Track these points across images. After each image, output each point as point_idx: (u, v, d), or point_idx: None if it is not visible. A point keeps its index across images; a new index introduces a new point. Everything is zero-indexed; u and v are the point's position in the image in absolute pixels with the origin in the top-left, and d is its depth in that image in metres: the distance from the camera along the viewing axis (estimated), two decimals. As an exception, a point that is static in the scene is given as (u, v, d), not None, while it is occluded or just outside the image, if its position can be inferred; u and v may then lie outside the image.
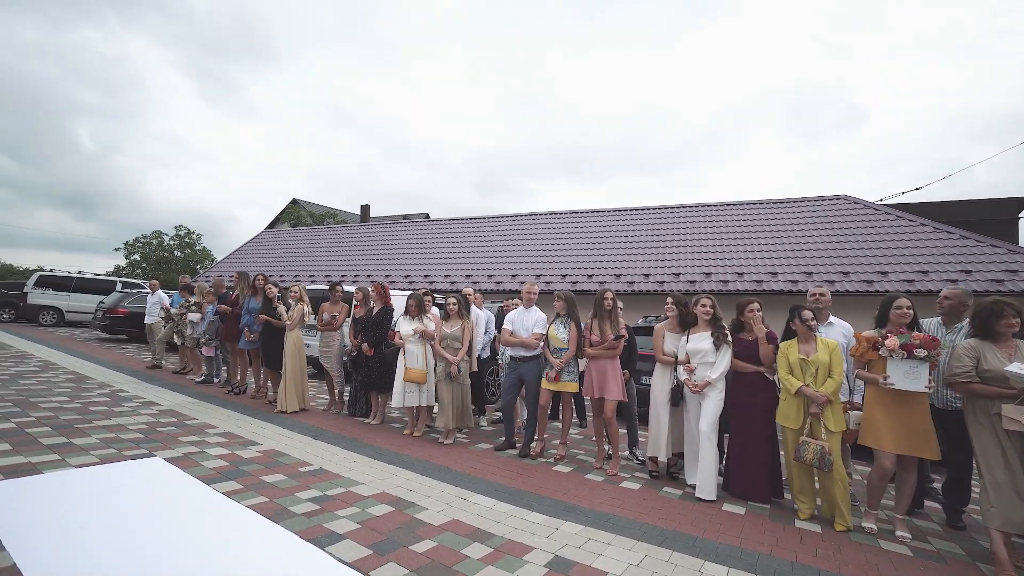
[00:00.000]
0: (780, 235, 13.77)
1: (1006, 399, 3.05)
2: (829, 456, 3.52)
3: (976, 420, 3.23)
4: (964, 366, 3.27)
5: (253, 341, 6.80)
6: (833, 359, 3.73)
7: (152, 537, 2.74)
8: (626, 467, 4.83)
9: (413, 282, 16.23)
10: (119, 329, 12.61)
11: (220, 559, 2.54)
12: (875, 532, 3.50)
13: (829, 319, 4.48)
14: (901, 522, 3.53)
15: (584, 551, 2.95)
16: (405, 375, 5.35)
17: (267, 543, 2.75)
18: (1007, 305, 3.23)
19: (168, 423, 5.20)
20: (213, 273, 22.29)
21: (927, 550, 3.30)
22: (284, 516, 3.14)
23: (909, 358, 3.34)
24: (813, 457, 3.56)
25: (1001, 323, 3.21)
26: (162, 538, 2.73)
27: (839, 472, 3.58)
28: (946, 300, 3.97)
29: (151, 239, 32.56)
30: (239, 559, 2.55)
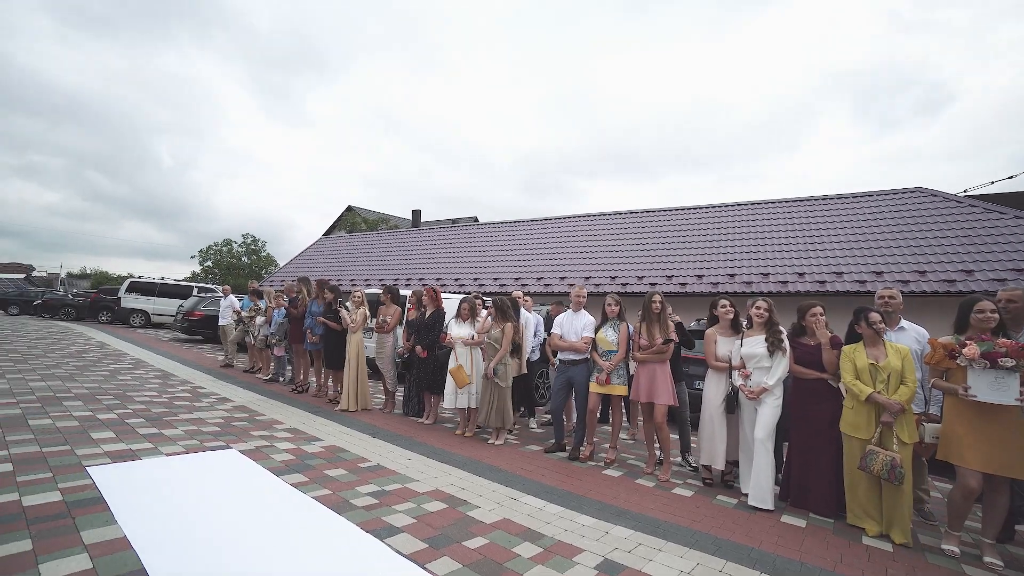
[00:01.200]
0: (846, 232, 12.95)
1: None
2: (901, 468, 3.31)
3: None
4: None
5: (315, 343, 7.21)
6: (906, 365, 3.51)
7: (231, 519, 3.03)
8: (678, 473, 4.74)
9: (463, 285, 16.55)
10: (196, 330, 13.69)
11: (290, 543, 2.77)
12: (957, 555, 3.23)
13: (900, 323, 4.21)
14: (990, 547, 3.23)
15: (634, 556, 2.94)
16: (454, 376, 5.51)
17: (332, 532, 2.96)
18: None
19: (241, 418, 5.62)
20: (276, 278, 23.71)
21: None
22: (346, 508, 3.33)
23: (993, 368, 3.08)
24: (882, 468, 3.36)
25: None
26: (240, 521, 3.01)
27: (908, 487, 3.37)
28: (1011, 303, 3.55)
29: (221, 246, 35.00)
30: (307, 545, 2.76)
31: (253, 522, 3.02)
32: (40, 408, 5.28)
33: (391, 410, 6.68)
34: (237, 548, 2.69)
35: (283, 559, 2.61)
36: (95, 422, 4.91)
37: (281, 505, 3.31)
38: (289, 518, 3.12)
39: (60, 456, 3.87)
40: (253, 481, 3.72)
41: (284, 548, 2.73)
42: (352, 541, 2.87)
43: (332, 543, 2.84)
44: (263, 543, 2.77)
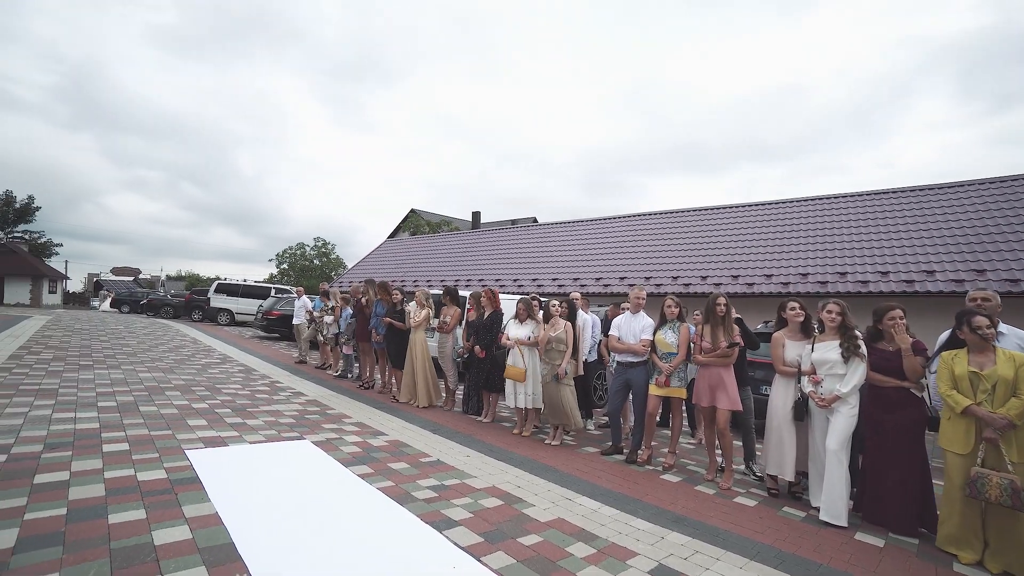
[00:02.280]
0: (941, 226, 11.79)
1: None
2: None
3: None
4: None
5: (380, 341, 7.59)
6: (1021, 375, 3.13)
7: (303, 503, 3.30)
8: (741, 482, 4.57)
9: (522, 286, 16.70)
10: (273, 329, 14.79)
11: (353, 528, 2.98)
12: None
13: (999, 327, 3.82)
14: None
15: (690, 563, 2.89)
16: (505, 372, 5.62)
17: (393, 521, 3.15)
18: None
19: (313, 411, 6.04)
20: (345, 279, 25.04)
21: None
22: (407, 500, 3.51)
23: None
24: (1001, 494, 2.96)
25: None
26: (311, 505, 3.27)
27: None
28: None
29: (295, 250, 37.46)
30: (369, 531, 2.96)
31: (322, 507, 3.28)
32: (148, 396, 5.96)
33: (451, 408, 6.91)
34: (308, 529, 2.94)
35: (347, 541, 2.82)
36: (191, 411, 5.48)
37: (347, 493, 3.55)
38: (354, 505, 3.35)
39: (164, 439, 4.37)
40: (323, 470, 4.01)
41: (348, 532, 2.95)
42: (411, 531, 3.03)
43: (392, 531, 3.02)
44: (330, 526, 3.00)
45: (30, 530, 2.63)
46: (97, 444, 4.06)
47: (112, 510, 2.92)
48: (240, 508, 3.11)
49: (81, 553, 2.45)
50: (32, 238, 33.14)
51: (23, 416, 4.68)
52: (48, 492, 3.09)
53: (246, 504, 3.19)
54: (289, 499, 3.35)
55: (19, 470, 3.39)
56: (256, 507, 3.17)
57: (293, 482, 3.68)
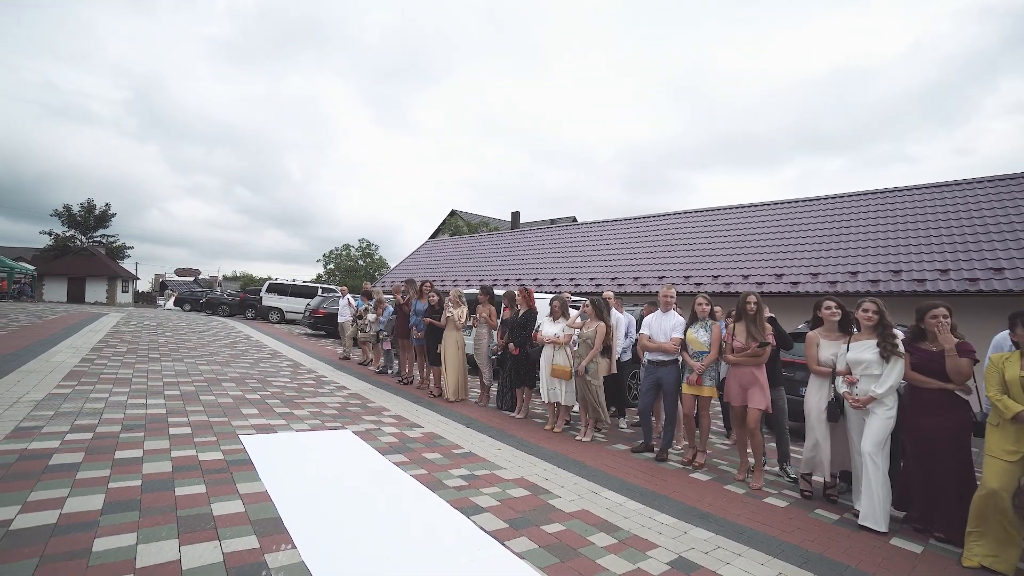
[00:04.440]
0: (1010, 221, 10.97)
1: None
2: None
3: None
4: None
5: (419, 339, 7.88)
6: None
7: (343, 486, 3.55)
8: (774, 483, 4.50)
9: (559, 285, 16.76)
10: (320, 326, 15.50)
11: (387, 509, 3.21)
12: None
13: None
14: None
15: (711, 557, 2.93)
16: (551, 371, 5.73)
17: (425, 506, 3.35)
18: None
19: (355, 404, 6.37)
20: (388, 279, 25.84)
21: None
22: (439, 487, 3.70)
23: None
24: None
25: None
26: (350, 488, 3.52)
27: None
28: None
29: (341, 251, 38.91)
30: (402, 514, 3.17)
31: (359, 490, 3.53)
32: (207, 387, 6.47)
33: (486, 403, 7.09)
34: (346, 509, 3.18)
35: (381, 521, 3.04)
36: (244, 401, 5.91)
37: (383, 478, 3.79)
38: (388, 490, 3.57)
39: (221, 425, 4.76)
40: (362, 457, 4.27)
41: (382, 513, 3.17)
42: (440, 515, 3.22)
43: (423, 514, 3.21)
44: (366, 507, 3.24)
45: (113, 497, 3.01)
46: (164, 427, 4.49)
47: (178, 484, 3.27)
48: (286, 488, 3.39)
49: (154, 517, 2.79)
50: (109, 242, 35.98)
51: (104, 401, 5.21)
52: (126, 466, 3.49)
53: (292, 484, 3.47)
54: (330, 482, 3.61)
55: (103, 447, 3.83)
56: (300, 487, 3.44)
57: (334, 467, 3.95)
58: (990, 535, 3.11)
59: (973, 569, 3.08)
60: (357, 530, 2.90)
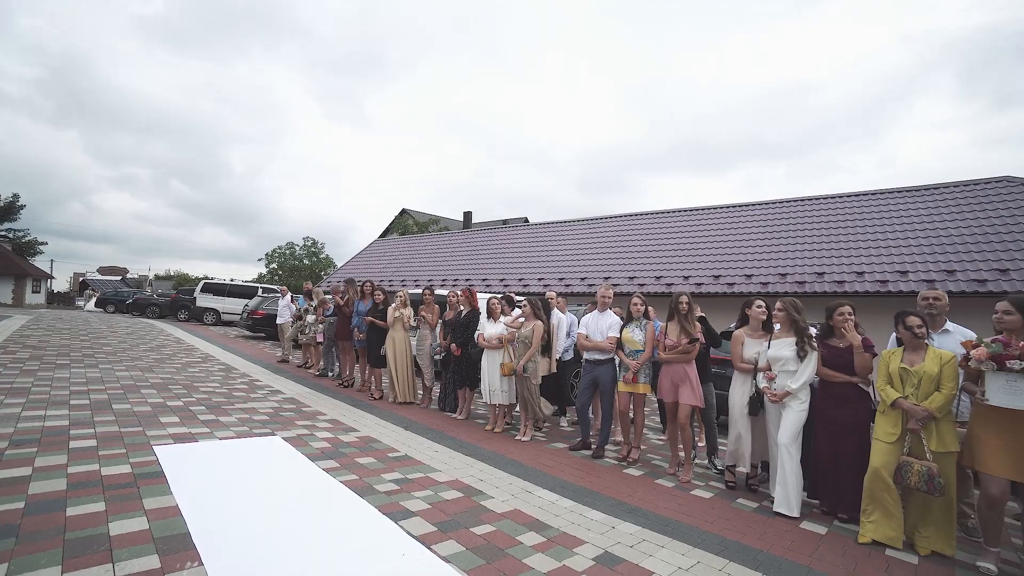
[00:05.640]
0: (916, 228, 12.02)
1: None
2: (940, 479, 3.12)
3: None
4: None
5: (361, 340, 7.66)
6: (945, 372, 3.29)
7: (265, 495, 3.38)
8: (703, 475, 4.69)
9: (508, 285, 16.80)
10: (258, 328, 14.78)
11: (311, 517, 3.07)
12: (993, 574, 3.04)
13: (945, 326, 3.97)
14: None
15: (635, 550, 3.00)
16: (502, 371, 5.69)
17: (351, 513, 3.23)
18: None
19: (289, 409, 6.10)
20: (334, 279, 25.01)
21: (1057, 597, 2.83)
22: (368, 492, 3.60)
23: (1002, 370, 2.90)
24: (919, 480, 3.17)
25: None
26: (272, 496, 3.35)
27: (950, 499, 3.22)
28: None
29: (285, 249, 37.31)
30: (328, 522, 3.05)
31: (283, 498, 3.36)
32: (122, 395, 5.99)
33: (427, 405, 6.99)
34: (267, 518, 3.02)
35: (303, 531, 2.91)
36: (164, 408, 5.52)
37: (309, 486, 3.64)
38: (314, 497, 3.43)
39: (133, 436, 4.42)
40: (289, 464, 4.09)
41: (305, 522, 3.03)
42: (367, 521, 3.12)
43: (349, 521, 3.11)
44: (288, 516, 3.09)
45: (-15, 523, 2.68)
46: (64, 441, 4.11)
47: (71, 503, 2.98)
48: (200, 500, 3.18)
49: (34, 544, 2.51)
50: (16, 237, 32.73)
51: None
52: (7, 487, 3.14)
53: (207, 496, 3.26)
54: (251, 491, 3.42)
55: (-19, 466, 3.44)
56: (217, 499, 3.24)
57: (257, 475, 3.75)
58: (878, 512, 3.39)
59: (867, 544, 3.33)
60: (275, 541, 2.76)
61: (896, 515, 3.36)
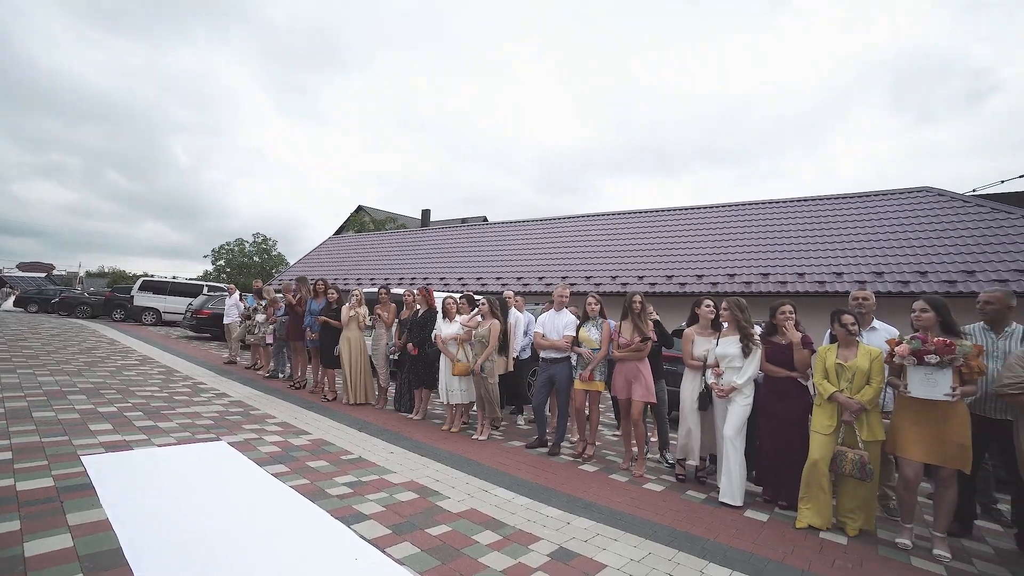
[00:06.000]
0: (849, 233, 12.84)
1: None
2: (870, 466, 3.37)
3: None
4: (1016, 376, 3.05)
5: (313, 340, 7.41)
6: (874, 366, 3.54)
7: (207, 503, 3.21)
8: (655, 469, 4.83)
9: (466, 284, 16.72)
10: (204, 328, 14.04)
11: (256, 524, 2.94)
12: (909, 548, 3.31)
13: (872, 323, 4.27)
14: (941, 540, 3.31)
15: (589, 545, 3.06)
16: (453, 370, 5.66)
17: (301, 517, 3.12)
18: None
19: (235, 412, 5.82)
20: (286, 277, 24.11)
21: (966, 572, 3.10)
22: (320, 496, 3.49)
23: (921, 365, 3.17)
24: (852, 468, 3.40)
25: None
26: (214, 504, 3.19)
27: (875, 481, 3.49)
28: (988, 305, 3.64)
29: (234, 246, 35.63)
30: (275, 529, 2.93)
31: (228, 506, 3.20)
32: (45, 401, 5.54)
33: (383, 406, 6.86)
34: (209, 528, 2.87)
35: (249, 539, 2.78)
36: (95, 415, 5.14)
37: (256, 491, 3.49)
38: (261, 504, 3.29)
39: (57, 446, 4.09)
40: (234, 470, 3.90)
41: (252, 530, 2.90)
42: (318, 526, 3.02)
43: (298, 527, 3.00)
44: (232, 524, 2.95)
45: None
46: (-23, 452, 3.76)
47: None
48: (134, 512, 2.99)
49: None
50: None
51: None
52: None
53: (142, 507, 3.07)
54: (192, 500, 3.25)
55: None
56: (153, 510, 3.05)
57: (199, 483, 3.56)
58: (814, 499, 3.61)
59: (803, 529, 3.54)
60: (218, 551, 2.63)
61: (829, 501, 3.60)
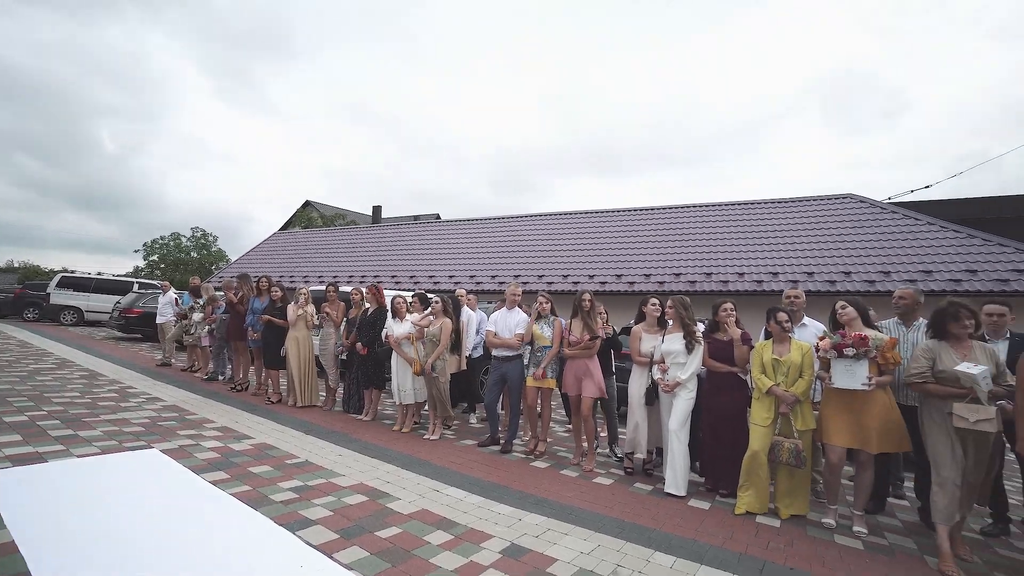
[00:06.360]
0: (784, 235, 13.68)
1: (957, 398, 3.13)
2: (803, 454, 3.62)
3: (930, 418, 3.31)
4: (920, 367, 3.35)
5: (256, 340, 7.08)
6: (805, 361, 3.80)
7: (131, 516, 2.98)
8: (604, 464, 4.96)
9: (418, 282, 16.49)
10: (134, 328, 13.09)
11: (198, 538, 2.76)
12: (833, 527, 3.59)
13: (803, 320, 4.56)
14: (859, 518, 3.62)
15: (541, 540, 3.10)
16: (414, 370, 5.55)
17: (242, 526, 2.97)
18: (961, 307, 3.30)
19: (169, 418, 5.47)
20: (227, 274, 22.87)
21: (880, 545, 3.39)
22: (263, 503, 3.35)
23: (841, 357, 3.45)
24: (789, 456, 3.63)
25: (955, 325, 3.27)
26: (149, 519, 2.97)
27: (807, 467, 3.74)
28: (901, 300, 4.04)
29: (168, 241, 33.42)
30: (215, 538, 2.77)
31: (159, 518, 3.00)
32: (-56, 410, 4.99)
33: (331, 407, 6.65)
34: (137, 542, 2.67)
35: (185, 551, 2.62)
36: (1, 425, 4.68)
37: (191, 501, 3.28)
38: (197, 513, 3.10)
39: (-41, 459, 3.70)
40: (167, 479, 3.65)
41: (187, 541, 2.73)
42: (260, 534, 2.88)
43: (240, 535, 2.85)
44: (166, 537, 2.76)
45: None
46: None
47: None
48: (48, 531, 2.73)
49: None
50: None
51: None
52: None
53: (58, 525, 2.81)
54: (118, 514, 3.01)
55: None
56: (71, 527, 2.80)
57: (126, 495, 3.30)
58: (753, 486, 3.83)
59: (741, 515, 3.75)
60: (146, 566, 2.45)
61: (766, 488, 3.83)
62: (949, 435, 3.17)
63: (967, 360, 3.17)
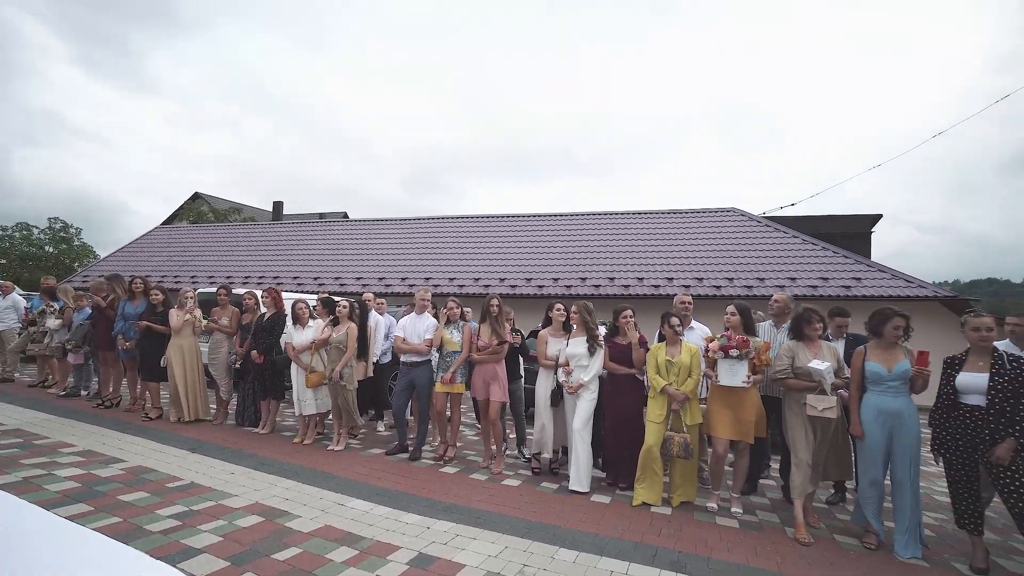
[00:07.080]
0: (678, 243, 14.94)
1: (809, 391, 3.65)
2: (691, 446, 3.97)
3: (790, 409, 3.82)
4: (782, 365, 3.85)
5: (129, 350, 6.28)
6: (693, 361, 4.17)
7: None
8: (512, 465, 5.07)
9: (323, 285, 15.65)
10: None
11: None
12: (715, 510, 4.00)
13: (691, 324, 5.01)
14: (737, 500, 4.08)
15: (449, 547, 3.11)
16: (307, 381, 5.26)
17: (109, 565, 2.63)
18: (813, 312, 3.86)
19: (9, 445, 4.67)
20: (94, 272, 19.98)
21: (752, 522, 3.84)
22: (137, 535, 2.99)
23: (726, 358, 3.88)
24: (679, 450, 3.96)
25: (809, 327, 3.82)
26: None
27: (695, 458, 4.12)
28: (775, 304, 4.62)
29: (14, 232, 28.44)
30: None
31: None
32: None
33: (222, 421, 6.10)
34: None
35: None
36: None
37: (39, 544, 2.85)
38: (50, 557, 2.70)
39: None
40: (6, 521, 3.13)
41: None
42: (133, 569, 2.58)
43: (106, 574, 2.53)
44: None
45: None
46: None
47: None
48: None
49: None
50: None
51: None
52: None
53: None
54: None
55: None
56: None
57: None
58: (648, 479, 4.14)
59: (638, 507, 4.04)
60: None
61: (661, 480, 4.17)
62: (804, 423, 3.68)
63: (817, 358, 3.71)
